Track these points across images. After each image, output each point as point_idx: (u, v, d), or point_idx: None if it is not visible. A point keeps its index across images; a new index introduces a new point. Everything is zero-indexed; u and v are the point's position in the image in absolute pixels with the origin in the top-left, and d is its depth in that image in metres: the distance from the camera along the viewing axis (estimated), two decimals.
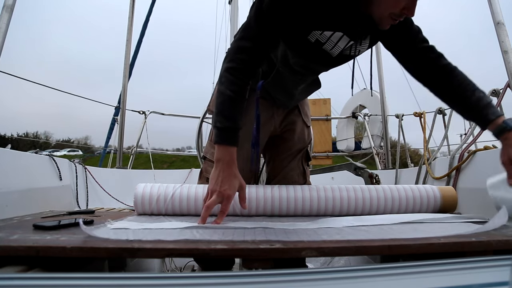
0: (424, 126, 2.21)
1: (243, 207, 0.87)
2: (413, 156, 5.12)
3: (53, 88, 2.63)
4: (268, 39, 0.87)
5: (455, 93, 0.94)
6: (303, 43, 0.92)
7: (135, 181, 1.12)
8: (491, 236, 0.64)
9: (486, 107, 0.88)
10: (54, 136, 33.01)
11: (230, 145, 0.84)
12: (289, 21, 0.86)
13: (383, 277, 0.47)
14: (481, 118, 0.89)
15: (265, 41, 0.87)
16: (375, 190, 1.04)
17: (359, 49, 0.98)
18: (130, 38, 3.08)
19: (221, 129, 0.84)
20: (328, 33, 0.89)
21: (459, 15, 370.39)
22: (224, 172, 0.82)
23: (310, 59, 0.99)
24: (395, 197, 1.03)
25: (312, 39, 0.90)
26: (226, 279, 0.45)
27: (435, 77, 0.97)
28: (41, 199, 1.42)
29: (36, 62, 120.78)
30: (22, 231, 0.72)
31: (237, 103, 0.86)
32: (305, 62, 1.01)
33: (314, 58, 0.98)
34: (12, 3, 1.48)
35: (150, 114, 3.32)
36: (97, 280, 0.45)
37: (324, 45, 0.92)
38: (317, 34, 0.89)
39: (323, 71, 1.11)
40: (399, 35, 0.96)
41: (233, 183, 0.82)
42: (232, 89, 0.85)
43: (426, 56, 0.96)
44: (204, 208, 0.81)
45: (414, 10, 0.81)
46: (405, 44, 0.97)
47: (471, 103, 0.90)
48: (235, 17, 4.45)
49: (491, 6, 1.58)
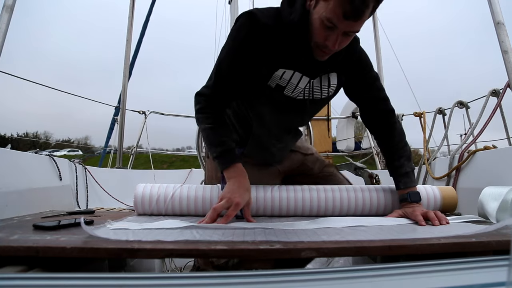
0: (424, 126, 2.21)
1: (250, 221, 0.87)
2: (413, 156, 5.12)
3: (53, 88, 2.63)
4: (226, 88, 0.94)
5: (388, 150, 1.05)
6: (265, 90, 0.94)
7: (135, 181, 1.12)
8: (491, 236, 0.64)
9: (403, 175, 0.99)
10: (54, 136, 33.00)
11: (233, 164, 0.92)
12: (248, 66, 0.90)
13: (383, 277, 0.47)
14: (396, 182, 1.01)
15: (224, 90, 0.94)
16: (375, 190, 1.04)
17: (328, 91, 1.00)
18: (130, 38, 3.08)
19: (218, 156, 0.92)
20: (287, 75, 0.92)
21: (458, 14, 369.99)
22: (236, 184, 0.89)
23: (278, 109, 0.99)
24: (395, 197, 1.02)
25: (272, 84, 0.93)
26: (226, 279, 0.45)
27: (378, 129, 1.06)
28: (41, 199, 1.42)
29: (36, 62, 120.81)
30: (22, 231, 0.72)
31: (219, 130, 0.94)
32: (277, 117, 1.01)
33: (281, 107, 0.98)
34: (12, 3, 1.48)
35: (150, 114, 3.32)
36: (97, 280, 0.45)
37: (285, 90, 0.94)
38: (277, 79, 0.92)
39: (298, 123, 1.11)
40: (357, 79, 1.01)
41: (244, 195, 0.87)
42: (208, 122, 0.94)
43: (377, 107, 1.03)
44: (212, 210, 0.83)
45: (335, 43, 0.81)
46: (362, 89, 1.03)
47: (393, 167, 1.01)
48: (235, 17, 4.44)
49: (491, 6, 1.58)
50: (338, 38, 0.81)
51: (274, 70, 0.91)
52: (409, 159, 1.01)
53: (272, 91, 0.94)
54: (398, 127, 1.04)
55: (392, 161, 1.02)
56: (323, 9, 0.78)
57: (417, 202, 0.94)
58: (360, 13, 0.75)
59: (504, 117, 1.69)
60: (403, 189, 0.98)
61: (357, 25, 0.79)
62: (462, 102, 1.96)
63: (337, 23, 0.77)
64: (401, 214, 0.93)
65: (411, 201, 0.94)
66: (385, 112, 1.03)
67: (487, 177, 1.33)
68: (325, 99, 1.02)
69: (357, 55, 0.98)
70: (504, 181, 1.20)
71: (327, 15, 0.77)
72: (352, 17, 0.76)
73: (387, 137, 1.04)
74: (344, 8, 0.74)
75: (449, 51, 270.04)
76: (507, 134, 1.72)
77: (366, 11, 0.76)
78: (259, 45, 0.87)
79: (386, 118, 1.03)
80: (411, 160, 1.01)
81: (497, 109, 1.63)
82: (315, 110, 1.08)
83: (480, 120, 1.67)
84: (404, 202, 0.97)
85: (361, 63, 1.00)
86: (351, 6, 0.73)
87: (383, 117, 1.03)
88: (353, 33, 0.83)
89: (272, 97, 0.95)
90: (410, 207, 0.93)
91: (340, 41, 0.82)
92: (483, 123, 1.64)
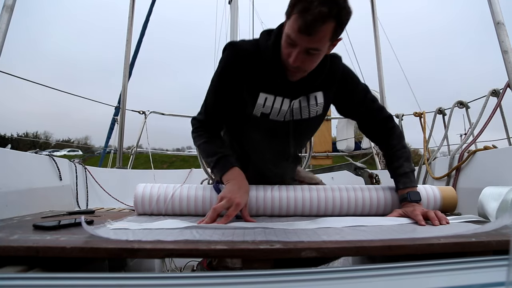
0: (424, 126, 2.21)
1: (249, 221, 0.87)
2: (413, 156, 5.11)
3: (52, 88, 2.63)
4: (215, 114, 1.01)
5: (388, 153, 1.06)
6: (252, 119, 0.98)
7: (135, 181, 1.12)
8: (491, 236, 0.64)
9: (402, 175, 1.00)
10: (54, 136, 32.98)
11: (230, 168, 0.94)
12: (231, 92, 0.96)
13: (383, 277, 0.47)
14: (396, 182, 1.02)
15: (213, 116, 1.02)
16: (375, 190, 1.04)
17: (316, 110, 1.01)
18: (130, 38, 3.08)
19: (215, 165, 0.96)
20: (268, 101, 0.96)
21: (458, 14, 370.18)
22: (236, 185, 0.90)
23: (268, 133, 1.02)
24: (395, 197, 1.02)
25: (257, 114, 0.97)
26: (226, 279, 0.45)
27: (378, 136, 1.09)
28: (41, 199, 1.42)
29: (35, 62, 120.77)
30: (22, 231, 0.72)
31: (213, 143, 1.00)
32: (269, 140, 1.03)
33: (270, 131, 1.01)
34: (12, 3, 1.48)
35: (150, 114, 3.32)
36: (97, 280, 0.45)
37: (270, 115, 0.98)
38: (260, 107, 0.96)
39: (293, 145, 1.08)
40: (347, 96, 1.04)
41: (244, 196, 0.89)
42: (203, 140, 1.01)
43: (375, 118, 1.06)
44: (212, 210, 0.84)
45: (295, 60, 0.85)
46: (355, 105, 1.05)
47: (393, 167, 1.03)
48: (235, 17, 4.44)
49: (491, 6, 1.58)
50: (299, 55, 0.84)
51: (256, 95, 0.95)
52: (408, 160, 1.02)
53: (258, 119, 0.98)
54: (397, 131, 1.06)
55: (391, 162, 1.04)
56: (286, 27, 0.85)
57: (417, 202, 0.95)
58: (312, 29, 0.79)
59: (504, 117, 1.69)
60: (402, 189, 0.98)
61: (314, 41, 0.81)
62: (462, 102, 1.96)
63: (295, 38, 0.82)
64: (401, 214, 0.93)
65: (411, 200, 0.95)
66: (383, 120, 1.06)
67: (487, 177, 1.33)
68: (315, 118, 1.03)
69: (341, 73, 1.01)
70: (504, 181, 1.20)
71: (287, 32, 0.84)
72: (306, 32, 0.79)
73: (386, 142, 1.06)
74: (298, 23, 0.79)
75: (449, 51, 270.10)
76: (507, 134, 1.72)
77: (320, 28, 0.79)
78: (240, 72, 0.94)
79: (384, 125, 1.06)
80: (410, 161, 1.02)
81: (497, 109, 1.62)
82: (308, 129, 1.09)
83: (480, 120, 1.67)
84: (404, 202, 0.97)
85: (347, 80, 1.02)
86: (304, 21, 0.78)
87: (382, 125, 1.06)
88: (314, 51, 0.84)
89: (260, 123, 0.99)
90: (410, 206, 0.93)
91: (303, 59, 0.85)
92: (483, 123, 1.63)
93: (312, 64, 0.89)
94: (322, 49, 0.85)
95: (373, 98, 1.06)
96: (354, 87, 1.03)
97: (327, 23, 0.78)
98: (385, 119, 1.06)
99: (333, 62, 0.98)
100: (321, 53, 0.86)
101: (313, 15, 0.76)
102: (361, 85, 1.05)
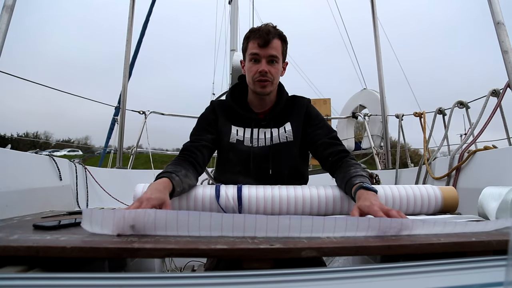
0: (424, 126, 2.21)
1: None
2: (413, 156, 5.13)
3: (52, 88, 2.62)
4: (197, 141, 1.16)
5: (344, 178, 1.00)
6: (229, 145, 1.18)
7: (135, 181, 1.12)
8: (491, 236, 0.64)
9: (355, 177, 0.95)
10: (54, 136, 32.99)
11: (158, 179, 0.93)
12: (209, 126, 1.21)
13: (383, 277, 0.47)
14: (349, 184, 0.95)
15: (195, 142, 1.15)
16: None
17: (286, 136, 1.18)
18: (130, 38, 3.07)
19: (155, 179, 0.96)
20: (240, 132, 1.19)
21: (458, 13, 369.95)
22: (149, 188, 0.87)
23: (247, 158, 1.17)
24: (396, 197, 1.02)
25: (233, 140, 1.18)
26: (226, 279, 0.45)
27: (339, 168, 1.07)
28: (41, 199, 1.42)
29: (35, 62, 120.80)
30: (22, 231, 0.72)
31: (173, 164, 1.03)
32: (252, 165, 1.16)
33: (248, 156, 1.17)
34: (12, 3, 1.48)
35: (150, 114, 3.32)
36: (97, 280, 0.45)
37: (244, 142, 1.18)
38: (235, 136, 1.19)
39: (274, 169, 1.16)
40: (311, 127, 1.20)
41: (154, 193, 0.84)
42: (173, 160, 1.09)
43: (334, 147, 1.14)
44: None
45: (264, 67, 1.11)
46: (318, 134, 1.17)
47: (347, 178, 0.97)
48: (235, 17, 4.45)
49: (491, 6, 1.58)
50: (264, 64, 1.11)
51: (230, 128, 1.19)
52: (361, 171, 1.00)
53: (235, 145, 1.18)
54: (355, 162, 1.08)
55: (347, 179, 0.98)
56: (248, 52, 1.14)
57: (372, 191, 0.86)
58: (268, 41, 1.10)
59: (504, 117, 1.69)
60: (357, 183, 0.91)
61: (271, 50, 1.11)
62: (462, 102, 1.96)
63: (258, 52, 1.11)
64: (361, 213, 0.81)
65: (367, 188, 0.87)
66: (342, 151, 1.12)
67: (487, 177, 1.33)
68: (290, 143, 1.18)
69: (305, 109, 1.22)
70: (504, 181, 1.20)
71: (250, 51, 1.13)
72: (264, 45, 1.10)
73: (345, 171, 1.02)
74: (256, 42, 1.11)
75: (449, 50, 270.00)
76: (507, 134, 1.72)
77: (272, 40, 1.11)
78: (215, 113, 1.23)
79: (344, 156, 1.09)
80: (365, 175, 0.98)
81: (497, 109, 1.62)
82: (286, 153, 1.18)
83: (480, 120, 1.67)
84: (359, 190, 0.88)
85: (311, 115, 1.22)
86: (260, 38, 1.10)
87: (341, 156, 1.10)
88: (275, 58, 1.12)
89: (237, 149, 1.17)
90: (366, 200, 0.82)
91: (268, 68, 1.12)
92: (483, 123, 1.63)
93: (276, 72, 1.14)
94: (279, 58, 1.14)
95: (331, 128, 1.25)
96: (318, 121, 1.21)
97: (276, 38, 1.12)
98: (344, 150, 1.13)
99: (299, 99, 1.25)
100: (279, 61, 1.15)
101: (264, 32, 1.10)
102: (321, 116, 1.25)
